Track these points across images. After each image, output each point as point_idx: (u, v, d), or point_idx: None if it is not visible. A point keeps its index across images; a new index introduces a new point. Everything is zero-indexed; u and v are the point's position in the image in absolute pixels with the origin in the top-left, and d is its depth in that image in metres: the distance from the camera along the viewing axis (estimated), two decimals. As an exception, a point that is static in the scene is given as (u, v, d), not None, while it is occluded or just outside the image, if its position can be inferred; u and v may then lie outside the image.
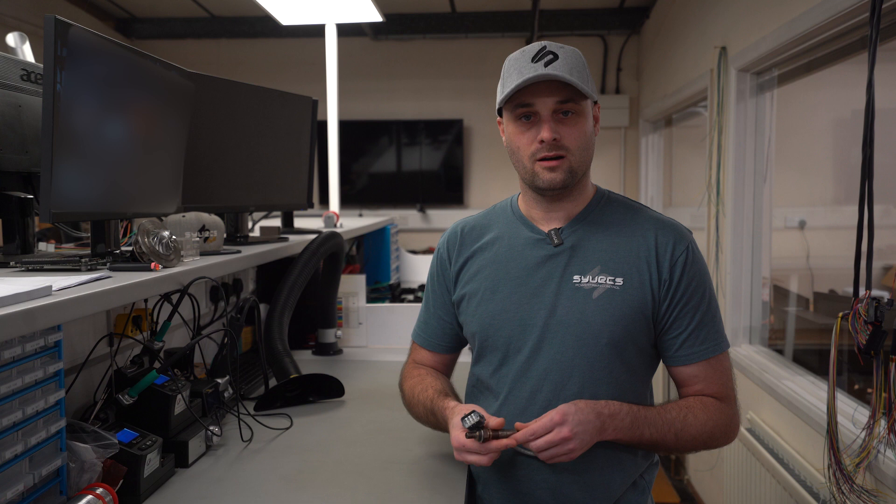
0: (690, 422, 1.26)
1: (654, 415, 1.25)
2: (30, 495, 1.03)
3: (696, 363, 1.29)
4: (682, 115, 4.44)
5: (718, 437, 1.30)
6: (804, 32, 2.31)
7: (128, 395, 1.33)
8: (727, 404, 1.31)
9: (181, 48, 5.68)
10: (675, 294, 1.28)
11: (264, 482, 1.33)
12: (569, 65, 1.24)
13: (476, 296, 1.36)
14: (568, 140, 1.26)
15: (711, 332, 1.30)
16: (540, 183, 1.28)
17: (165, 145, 1.58)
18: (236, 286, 2.16)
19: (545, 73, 1.22)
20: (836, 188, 3.58)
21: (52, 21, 1.17)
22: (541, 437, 1.16)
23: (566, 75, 1.22)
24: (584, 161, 1.29)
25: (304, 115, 2.31)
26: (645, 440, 1.25)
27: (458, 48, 5.55)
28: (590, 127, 1.29)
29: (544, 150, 1.26)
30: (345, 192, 5.06)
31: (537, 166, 1.27)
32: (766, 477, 2.42)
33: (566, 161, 1.26)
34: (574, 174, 1.28)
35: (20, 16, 4.23)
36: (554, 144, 1.25)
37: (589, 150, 1.30)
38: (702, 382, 1.30)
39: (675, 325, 1.29)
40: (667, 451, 1.32)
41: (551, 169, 1.26)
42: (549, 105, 1.25)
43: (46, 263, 1.32)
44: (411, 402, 1.44)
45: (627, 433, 1.23)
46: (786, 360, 2.80)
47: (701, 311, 1.29)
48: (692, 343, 1.29)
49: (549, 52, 1.24)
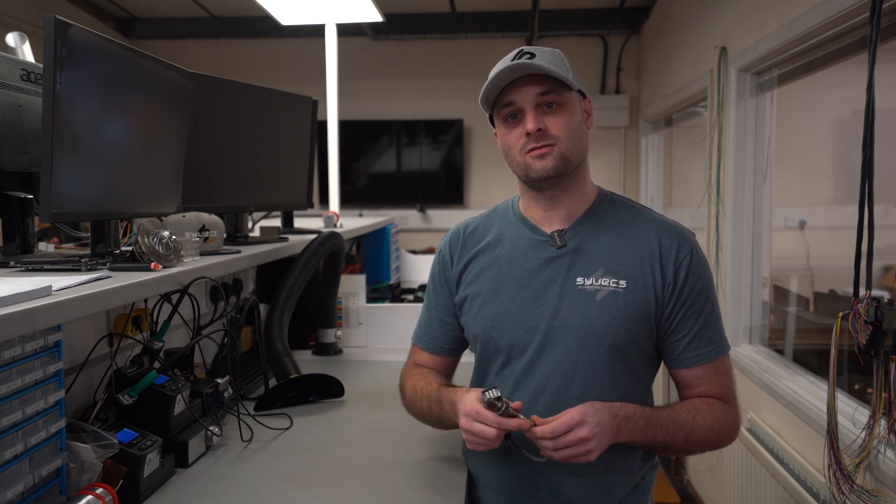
0: (699, 423, 1.26)
1: (665, 416, 1.25)
2: (30, 495, 1.03)
3: (699, 365, 1.30)
4: (682, 115, 4.44)
5: (723, 438, 1.30)
6: (804, 32, 2.31)
7: (128, 395, 1.33)
8: (730, 405, 1.31)
9: (181, 48, 5.68)
10: (679, 297, 1.28)
11: (264, 482, 1.33)
12: (547, 60, 1.25)
13: (479, 298, 1.35)
14: (554, 129, 1.26)
15: (714, 334, 1.30)
16: (533, 174, 1.28)
17: (165, 145, 1.58)
18: (236, 286, 2.16)
19: (518, 62, 1.23)
20: (836, 188, 3.58)
21: (52, 21, 1.17)
22: (560, 436, 1.14)
23: (542, 65, 1.23)
24: (575, 149, 1.28)
25: (304, 115, 2.31)
26: (657, 442, 1.24)
27: (458, 48, 5.55)
28: (578, 118, 1.29)
29: (532, 142, 1.26)
30: (345, 192, 5.06)
31: (527, 157, 1.28)
32: (766, 477, 2.42)
33: (556, 148, 1.26)
34: (567, 161, 1.27)
35: (20, 16, 4.23)
36: (541, 135, 1.25)
37: (580, 140, 1.30)
38: (705, 384, 1.30)
39: (679, 327, 1.29)
40: (675, 453, 1.32)
41: (541, 157, 1.26)
42: (530, 98, 1.25)
43: (46, 263, 1.32)
44: (413, 398, 1.42)
45: (641, 435, 1.22)
46: (786, 360, 2.80)
47: (705, 313, 1.29)
48: (696, 346, 1.29)
49: (527, 53, 1.25)
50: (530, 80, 1.25)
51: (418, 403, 1.41)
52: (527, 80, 1.25)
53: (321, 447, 1.52)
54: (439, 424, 1.39)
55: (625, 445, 1.26)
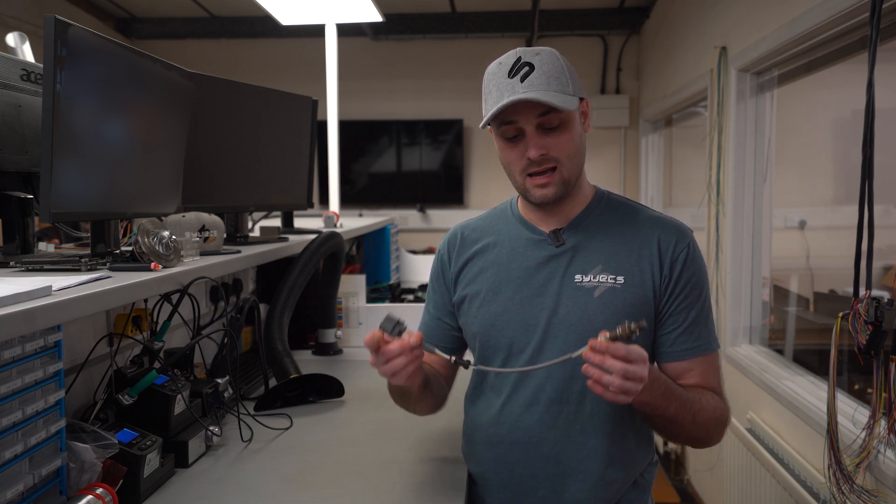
0: (705, 406, 1.25)
1: (680, 391, 1.23)
2: (30, 495, 1.03)
3: (688, 359, 1.29)
4: (682, 115, 4.44)
5: (720, 428, 1.29)
6: (804, 32, 2.31)
7: (128, 395, 1.33)
8: (723, 400, 1.31)
9: (181, 48, 5.68)
10: (674, 289, 1.28)
11: (264, 482, 1.33)
12: (546, 75, 1.21)
13: (478, 297, 1.35)
14: (556, 151, 1.25)
15: (705, 330, 1.30)
16: (532, 199, 1.29)
17: (165, 145, 1.58)
18: (236, 286, 2.16)
19: (521, 96, 1.19)
20: (836, 188, 3.58)
21: (52, 21, 1.17)
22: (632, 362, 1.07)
23: (543, 91, 1.20)
24: (575, 168, 1.29)
25: (304, 115, 2.31)
26: (668, 414, 1.21)
27: (458, 48, 5.55)
28: (578, 131, 1.28)
29: (534, 166, 1.25)
30: (345, 192, 5.06)
31: (528, 182, 1.27)
32: (766, 477, 2.42)
33: (557, 173, 1.26)
34: (567, 184, 1.28)
35: (20, 16, 4.23)
36: (542, 159, 1.24)
37: (580, 156, 1.29)
38: (695, 378, 1.30)
39: (671, 320, 1.29)
40: (679, 432, 1.27)
41: (543, 185, 1.26)
42: (531, 120, 1.23)
43: (46, 263, 1.32)
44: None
45: (660, 400, 1.19)
46: (786, 360, 2.80)
47: (697, 308, 1.29)
48: (686, 339, 1.29)
49: (525, 64, 1.22)
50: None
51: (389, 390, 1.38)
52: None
53: (321, 447, 1.52)
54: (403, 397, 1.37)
55: (623, 439, 1.27)
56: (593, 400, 1.26)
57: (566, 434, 1.28)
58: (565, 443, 1.28)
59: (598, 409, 1.27)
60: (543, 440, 1.29)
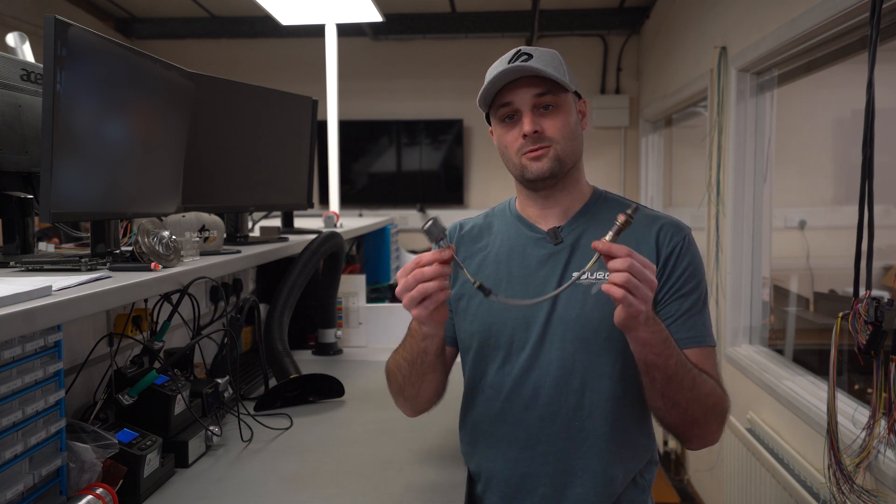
0: (704, 379, 1.23)
1: (681, 353, 1.21)
2: (30, 495, 1.03)
3: (685, 349, 1.27)
4: (682, 115, 4.44)
5: (719, 413, 1.26)
6: (804, 32, 2.31)
7: (128, 395, 1.33)
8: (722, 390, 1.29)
9: (181, 48, 5.68)
10: (668, 279, 1.29)
11: (264, 482, 1.33)
12: (544, 62, 1.26)
13: (476, 295, 1.35)
14: (550, 131, 1.28)
15: (700, 322, 1.29)
16: (528, 174, 1.30)
17: (165, 145, 1.58)
18: (236, 286, 2.16)
19: (516, 65, 1.25)
20: (836, 188, 3.58)
21: (52, 21, 1.17)
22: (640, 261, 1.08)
23: (539, 67, 1.24)
24: (570, 150, 1.30)
25: (304, 115, 2.31)
26: (670, 366, 1.18)
27: (458, 48, 5.55)
28: (573, 119, 1.31)
29: (529, 144, 1.28)
30: (345, 192, 5.06)
31: (523, 159, 1.30)
32: (766, 477, 2.42)
33: (551, 150, 1.28)
34: (561, 163, 1.29)
35: (20, 16, 4.23)
36: (537, 137, 1.27)
37: (575, 141, 1.32)
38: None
39: (665, 309, 1.29)
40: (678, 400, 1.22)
41: (537, 158, 1.28)
42: (527, 100, 1.27)
43: (46, 263, 1.32)
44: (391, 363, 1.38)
45: (661, 346, 1.16)
46: (786, 360, 2.80)
47: (692, 299, 1.29)
48: (681, 328, 1.28)
49: (525, 53, 1.27)
50: (527, 81, 1.27)
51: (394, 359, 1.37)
52: (524, 81, 1.27)
53: (321, 447, 1.52)
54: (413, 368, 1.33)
55: (624, 435, 1.27)
56: (593, 396, 1.27)
57: (566, 431, 1.28)
58: (565, 440, 1.28)
59: (598, 405, 1.27)
60: (543, 438, 1.29)
